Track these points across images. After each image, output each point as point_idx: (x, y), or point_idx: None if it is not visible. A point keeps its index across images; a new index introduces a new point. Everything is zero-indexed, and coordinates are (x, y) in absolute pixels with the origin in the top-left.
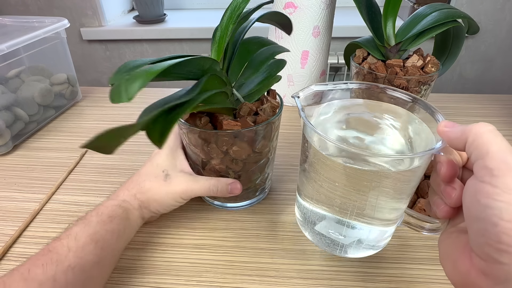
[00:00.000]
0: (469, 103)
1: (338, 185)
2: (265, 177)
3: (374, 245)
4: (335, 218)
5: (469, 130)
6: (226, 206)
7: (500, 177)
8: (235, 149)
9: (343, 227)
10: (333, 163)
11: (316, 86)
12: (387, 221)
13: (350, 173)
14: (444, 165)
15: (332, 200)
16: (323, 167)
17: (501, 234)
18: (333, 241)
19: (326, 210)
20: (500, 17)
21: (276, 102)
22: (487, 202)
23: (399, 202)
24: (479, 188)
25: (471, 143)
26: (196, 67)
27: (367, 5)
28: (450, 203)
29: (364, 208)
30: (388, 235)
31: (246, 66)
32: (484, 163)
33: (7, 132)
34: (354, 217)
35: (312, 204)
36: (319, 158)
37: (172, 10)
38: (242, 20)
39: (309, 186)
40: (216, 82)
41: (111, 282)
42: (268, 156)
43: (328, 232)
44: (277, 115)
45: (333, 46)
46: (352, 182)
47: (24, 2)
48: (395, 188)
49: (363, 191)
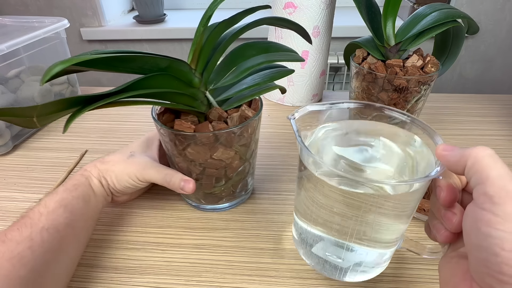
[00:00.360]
0: (469, 103)
1: (335, 209)
2: (230, 185)
3: (374, 267)
4: (333, 240)
5: (468, 154)
6: (201, 207)
7: (501, 205)
8: (189, 151)
9: (341, 249)
10: (330, 186)
11: (312, 106)
12: (387, 243)
13: (347, 196)
14: (443, 189)
15: (330, 222)
16: (319, 190)
17: (503, 264)
18: (330, 264)
19: (324, 232)
20: (500, 17)
21: (251, 113)
22: (488, 231)
23: (399, 224)
24: (479, 216)
25: (471, 167)
26: (148, 64)
27: (367, 5)
28: (451, 228)
29: (364, 231)
30: (388, 257)
31: (232, 71)
32: (484, 189)
33: (7, 132)
34: (354, 239)
35: (309, 225)
36: (316, 182)
37: (172, 10)
38: (229, 23)
39: (306, 207)
40: (175, 82)
41: (111, 282)
42: (233, 165)
43: (325, 254)
44: (240, 126)
45: (333, 46)
46: (350, 204)
47: (24, 2)
48: (394, 210)
49: (362, 214)
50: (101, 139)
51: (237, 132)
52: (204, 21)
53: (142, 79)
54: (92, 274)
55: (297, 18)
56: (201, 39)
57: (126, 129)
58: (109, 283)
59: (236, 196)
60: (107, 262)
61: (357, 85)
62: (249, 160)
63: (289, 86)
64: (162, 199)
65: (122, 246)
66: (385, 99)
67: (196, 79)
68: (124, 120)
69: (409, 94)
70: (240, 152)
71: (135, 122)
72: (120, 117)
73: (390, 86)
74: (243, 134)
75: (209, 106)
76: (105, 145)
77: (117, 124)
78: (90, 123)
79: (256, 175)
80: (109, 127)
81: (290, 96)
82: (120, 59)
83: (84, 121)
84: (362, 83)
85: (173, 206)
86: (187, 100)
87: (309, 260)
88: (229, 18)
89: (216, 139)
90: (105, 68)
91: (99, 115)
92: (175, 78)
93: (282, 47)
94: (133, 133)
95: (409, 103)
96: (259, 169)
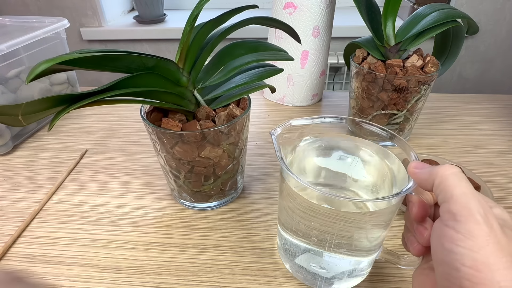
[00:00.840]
0: (469, 103)
1: (313, 224)
2: (219, 183)
3: (357, 275)
4: (314, 251)
5: (435, 173)
6: (195, 206)
7: (462, 223)
8: (177, 149)
9: (322, 259)
10: (309, 203)
11: (295, 121)
12: (368, 250)
13: (326, 211)
14: (415, 205)
15: (309, 234)
16: (298, 203)
17: (463, 279)
18: (313, 274)
19: (305, 243)
20: (500, 17)
21: (239, 111)
22: (450, 247)
23: (378, 232)
24: (443, 232)
25: (438, 186)
26: (135, 63)
27: (367, 5)
28: (422, 242)
29: (343, 241)
30: (368, 265)
31: (220, 70)
32: (448, 207)
33: (7, 132)
34: (333, 249)
35: (291, 235)
36: (295, 196)
37: (172, 10)
38: (216, 22)
39: (287, 218)
40: (163, 81)
41: (111, 282)
42: (222, 164)
43: (308, 265)
44: (227, 124)
45: (333, 46)
46: (328, 219)
47: (24, 2)
48: (372, 222)
49: (341, 227)
50: (101, 139)
51: (224, 131)
52: (190, 21)
53: (128, 78)
54: (92, 274)
55: (297, 18)
56: (188, 38)
57: (126, 129)
58: (109, 283)
59: (225, 195)
60: (107, 262)
61: (357, 85)
62: (238, 158)
63: (289, 86)
64: (162, 199)
65: (122, 246)
66: (385, 99)
67: (184, 78)
68: (124, 120)
69: (409, 94)
70: (228, 150)
71: (135, 122)
72: (120, 117)
73: (390, 86)
74: (230, 132)
75: (197, 105)
76: (105, 145)
77: (117, 124)
78: (90, 123)
79: (258, 175)
80: (109, 127)
81: (290, 96)
82: (106, 58)
83: (84, 121)
84: (362, 83)
85: (173, 206)
86: (175, 99)
87: (293, 269)
88: (215, 17)
89: (203, 138)
90: (91, 67)
91: (99, 115)
92: (162, 77)
93: (271, 46)
94: (133, 133)
95: (409, 103)
96: (260, 169)
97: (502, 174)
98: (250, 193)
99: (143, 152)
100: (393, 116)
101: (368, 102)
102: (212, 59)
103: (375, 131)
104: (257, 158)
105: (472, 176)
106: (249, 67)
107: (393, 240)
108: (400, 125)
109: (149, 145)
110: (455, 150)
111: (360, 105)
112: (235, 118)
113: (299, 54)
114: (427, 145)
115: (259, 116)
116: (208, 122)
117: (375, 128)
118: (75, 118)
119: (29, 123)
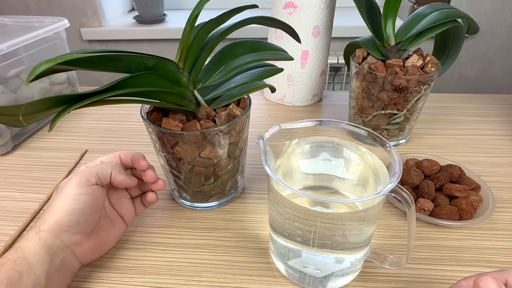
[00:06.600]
0: (469, 103)
1: (297, 224)
2: (220, 183)
3: (347, 273)
4: (303, 251)
5: None
6: (195, 206)
7: None
8: (178, 149)
9: (312, 258)
10: (296, 205)
11: (284, 124)
12: (353, 248)
13: (314, 214)
14: None
15: (293, 234)
16: (285, 205)
17: None
18: (305, 274)
19: (294, 244)
20: (500, 17)
21: (239, 111)
22: None
23: (367, 227)
24: None
25: None
26: (135, 63)
27: (367, 5)
28: None
29: (333, 240)
30: (360, 261)
31: (220, 70)
32: None
33: (7, 132)
34: (322, 249)
35: (279, 237)
36: (282, 200)
37: (172, 10)
38: (216, 22)
39: (276, 220)
40: (163, 81)
41: (111, 282)
42: (222, 164)
43: (302, 267)
44: (227, 124)
45: (333, 46)
46: (312, 218)
47: (24, 2)
48: (359, 220)
49: (328, 227)
50: (101, 139)
51: (224, 131)
52: (190, 21)
53: (129, 78)
54: (92, 274)
55: (297, 18)
56: (188, 38)
57: (126, 129)
58: (110, 283)
59: (225, 194)
60: (108, 262)
61: (357, 85)
62: (238, 158)
63: (289, 86)
64: (162, 199)
65: (122, 246)
66: (385, 99)
67: (184, 78)
68: (124, 120)
69: (409, 94)
70: (229, 150)
71: (135, 122)
72: (120, 117)
73: (390, 86)
74: (230, 132)
75: (197, 105)
76: (105, 145)
77: (117, 124)
78: (90, 123)
79: (258, 175)
80: (109, 127)
81: (290, 96)
82: (106, 58)
83: (84, 121)
84: (362, 83)
85: (173, 206)
86: (175, 98)
87: (285, 271)
88: (215, 17)
89: (203, 138)
90: (91, 67)
91: (99, 115)
92: (162, 77)
93: (271, 46)
94: (133, 133)
95: (409, 103)
96: (260, 169)
97: (502, 174)
98: (250, 193)
99: (143, 152)
100: (393, 116)
101: (368, 102)
102: (212, 59)
103: (359, 132)
104: (257, 158)
105: (472, 176)
106: (249, 67)
107: (382, 240)
108: (400, 125)
109: (149, 145)
110: (455, 150)
111: (360, 105)
112: (235, 118)
113: (299, 54)
114: (427, 145)
115: (259, 116)
116: (209, 122)
117: (359, 129)
118: (75, 118)
119: (29, 123)
